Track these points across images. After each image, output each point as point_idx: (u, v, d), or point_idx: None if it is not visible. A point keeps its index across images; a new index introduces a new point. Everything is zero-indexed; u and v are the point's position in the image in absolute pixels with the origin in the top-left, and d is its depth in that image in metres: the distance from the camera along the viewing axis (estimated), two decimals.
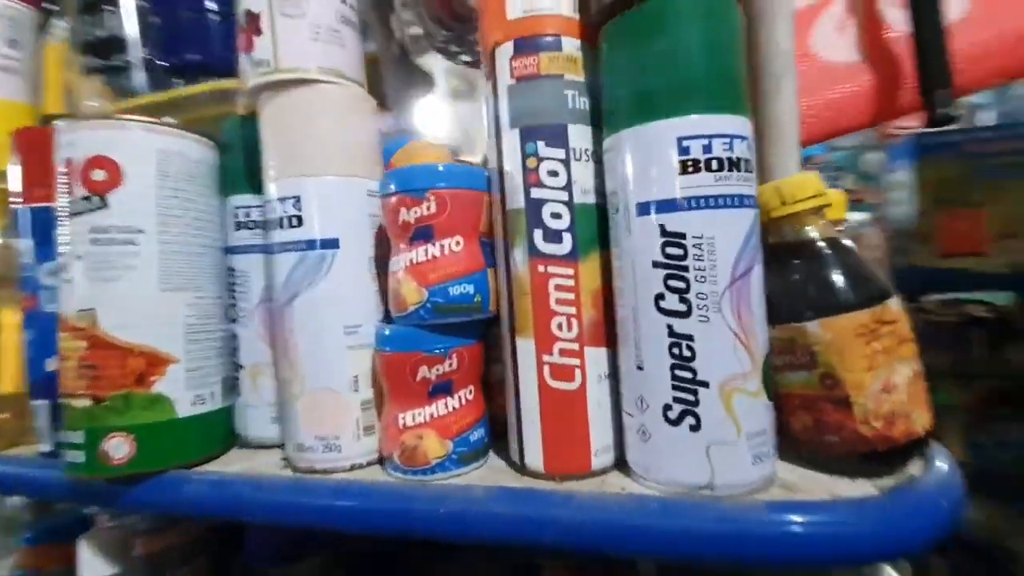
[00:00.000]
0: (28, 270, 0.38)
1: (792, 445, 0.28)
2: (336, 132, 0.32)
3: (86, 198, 0.32)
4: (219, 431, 0.37)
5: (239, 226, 0.38)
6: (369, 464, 0.33)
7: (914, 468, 0.26)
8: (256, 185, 0.37)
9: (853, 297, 0.25)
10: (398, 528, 0.27)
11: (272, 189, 0.33)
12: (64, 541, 0.56)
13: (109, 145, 0.33)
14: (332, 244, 0.32)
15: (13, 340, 0.43)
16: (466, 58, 0.52)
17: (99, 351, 0.32)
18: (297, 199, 0.32)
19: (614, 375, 0.29)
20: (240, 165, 0.38)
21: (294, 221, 0.32)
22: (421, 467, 0.29)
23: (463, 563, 0.55)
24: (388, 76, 0.54)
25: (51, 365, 0.38)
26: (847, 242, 0.27)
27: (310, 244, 0.32)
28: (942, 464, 0.26)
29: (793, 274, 0.27)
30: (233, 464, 0.35)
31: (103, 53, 0.65)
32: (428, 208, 0.29)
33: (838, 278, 0.26)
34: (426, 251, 0.29)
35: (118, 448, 0.32)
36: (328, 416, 0.32)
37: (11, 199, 0.39)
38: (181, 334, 0.34)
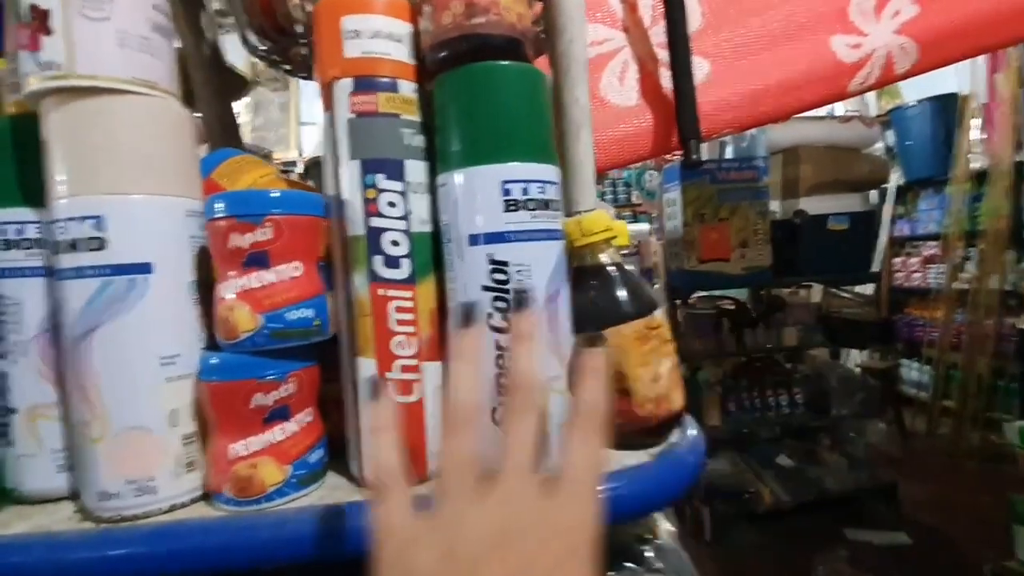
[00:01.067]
0: None
1: None
2: (148, 146, 0.30)
3: None
4: None
5: (7, 245, 0.32)
6: (193, 501, 0.31)
7: (674, 437, 0.34)
8: (32, 197, 0.32)
9: (633, 310, 0.33)
10: (238, 562, 0.27)
11: (63, 206, 0.29)
12: None
13: None
14: (144, 269, 0.29)
15: None
16: (287, 67, 0.51)
17: None
18: (98, 219, 0.28)
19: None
20: (8, 173, 0.32)
21: (94, 244, 0.28)
22: (257, 496, 0.29)
23: None
24: (197, 78, 0.49)
25: None
26: (628, 266, 0.35)
27: (116, 269, 0.29)
28: (691, 431, 0.34)
29: (591, 292, 0.34)
30: (11, 525, 0.29)
31: None
32: (264, 233, 0.29)
33: (624, 296, 0.33)
34: (260, 277, 0.29)
35: None
36: (140, 456, 0.29)
37: None
38: None
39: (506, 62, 0.29)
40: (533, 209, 0.29)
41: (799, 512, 1.78)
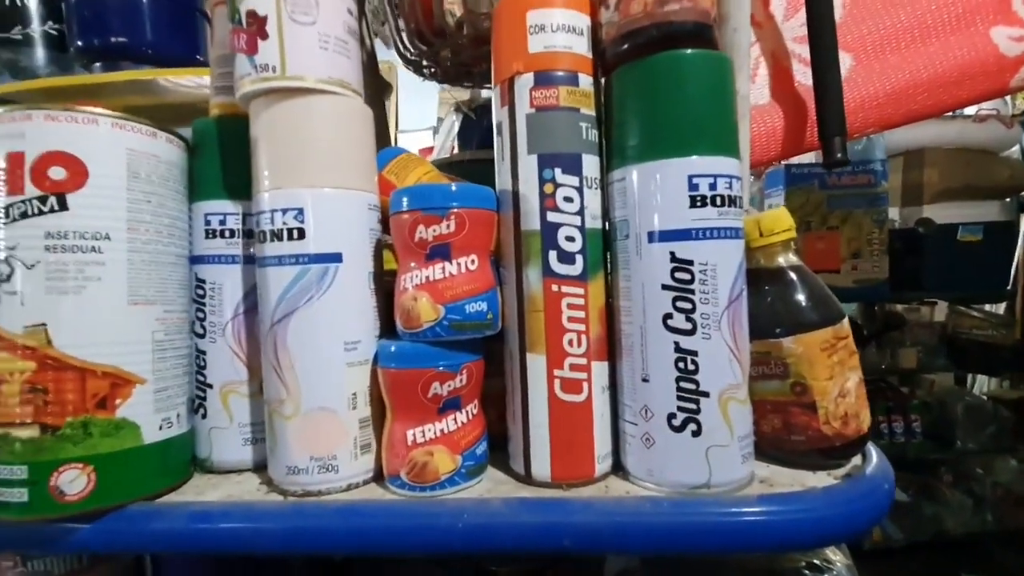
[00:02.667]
0: None
1: (758, 445, 0.32)
2: (342, 144, 0.32)
3: (39, 198, 0.28)
4: (182, 457, 0.34)
5: (211, 234, 0.35)
6: (366, 483, 0.32)
7: (857, 459, 0.31)
8: (232, 191, 0.35)
9: (818, 317, 0.30)
10: (417, 547, 0.27)
11: (267, 199, 0.31)
12: None
13: (71, 141, 0.29)
14: (335, 258, 0.31)
15: None
16: (432, 71, 0.53)
17: (51, 372, 0.28)
18: (300, 210, 0.30)
19: (612, 387, 0.31)
20: (214, 169, 0.35)
21: (295, 233, 0.30)
22: (431, 483, 0.30)
23: (413, 574, 0.54)
24: None
25: None
26: (808, 269, 0.32)
27: (312, 258, 0.30)
28: (876, 454, 0.31)
29: (767, 296, 0.31)
30: (206, 493, 0.32)
31: (2, 24, 0.56)
32: (447, 227, 0.29)
33: (806, 301, 0.31)
34: (443, 268, 0.30)
35: (73, 482, 0.28)
36: (325, 436, 0.31)
37: None
38: (149, 352, 0.31)
39: (698, 50, 0.28)
40: (720, 205, 0.28)
41: (912, 552, 1.61)
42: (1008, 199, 1.97)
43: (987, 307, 2.05)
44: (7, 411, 0.28)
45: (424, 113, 2.32)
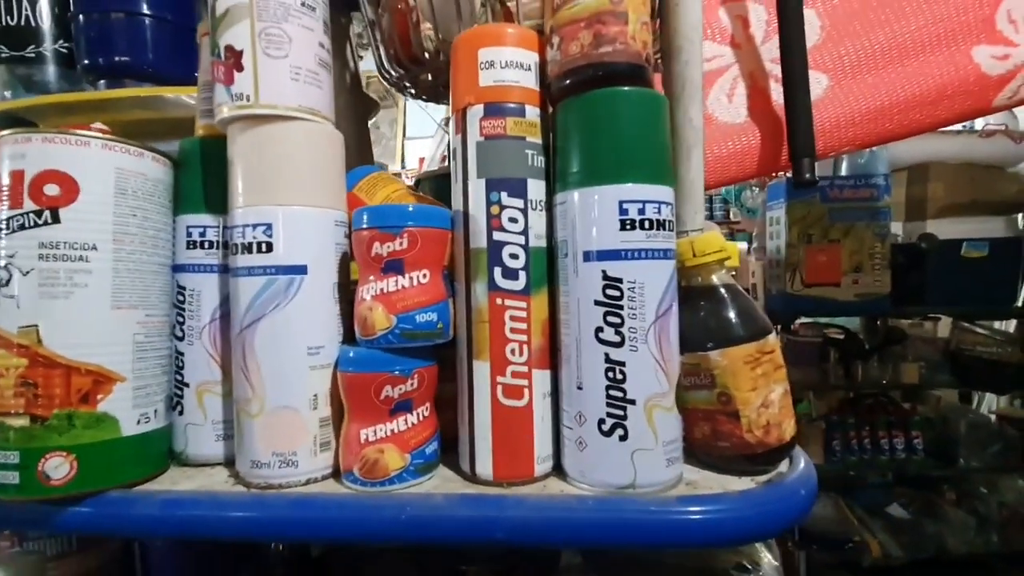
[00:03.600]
0: None
1: (692, 450, 0.34)
2: (310, 165, 0.35)
3: (36, 212, 0.32)
4: (159, 450, 0.37)
5: (191, 245, 0.38)
6: (324, 478, 0.35)
7: (783, 466, 0.33)
8: (212, 206, 0.38)
9: (744, 332, 0.32)
10: (363, 536, 0.30)
11: (240, 214, 0.34)
12: None
13: (65, 160, 0.32)
14: (300, 270, 0.34)
15: None
16: (413, 91, 0.56)
17: (41, 369, 0.31)
18: (268, 226, 0.33)
19: (554, 393, 0.34)
20: (197, 185, 0.38)
21: (263, 247, 0.33)
22: (381, 479, 0.32)
23: (385, 571, 0.56)
24: (340, 102, 0.55)
25: None
26: (740, 288, 0.34)
27: (279, 269, 0.33)
28: (802, 462, 0.33)
29: (700, 312, 0.34)
30: (179, 483, 0.35)
31: (14, 42, 0.61)
32: (400, 243, 0.32)
33: (734, 317, 0.33)
34: (396, 282, 0.32)
35: (57, 468, 0.31)
36: (286, 433, 0.34)
37: None
38: (130, 352, 0.34)
39: (630, 87, 0.31)
40: (648, 229, 0.30)
41: (912, 570, 1.59)
42: (1017, 215, 1.95)
43: (995, 324, 2.03)
44: (3, 402, 0.31)
45: (432, 121, 2.37)
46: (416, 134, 3.11)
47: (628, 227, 0.30)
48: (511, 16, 0.42)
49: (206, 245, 0.38)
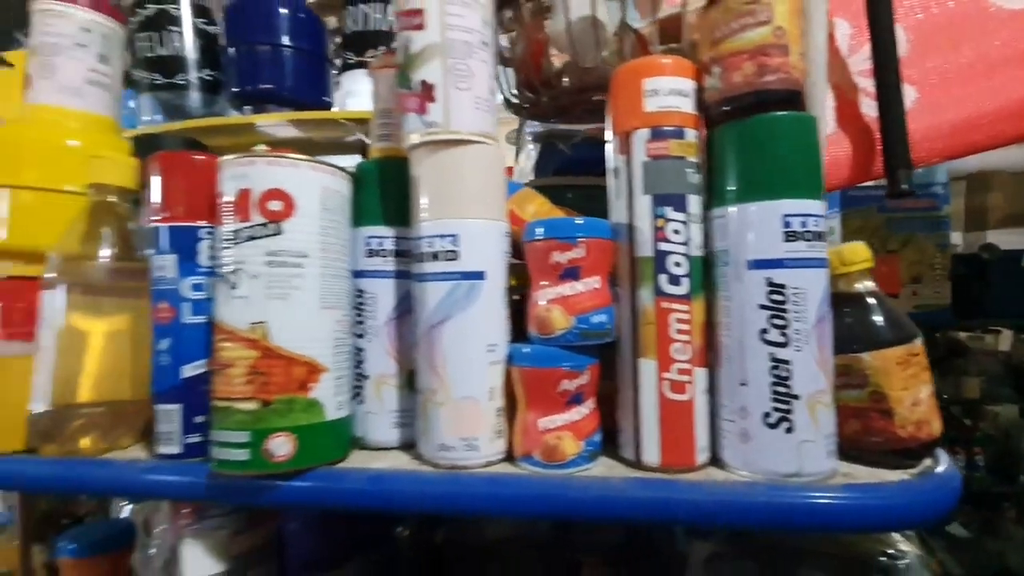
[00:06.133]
0: (166, 283, 0.41)
1: (841, 445, 0.37)
2: (486, 183, 0.39)
3: (263, 224, 0.37)
4: (348, 435, 0.41)
5: (371, 253, 0.43)
6: (499, 461, 0.39)
7: (928, 461, 0.36)
8: (388, 218, 0.43)
9: (894, 336, 0.35)
10: (551, 512, 0.34)
11: (427, 226, 0.39)
12: (110, 552, 0.56)
13: (284, 179, 0.37)
14: (480, 276, 0.38)
15: (100, 348, 0.45)
16: (530, 113, 0.60)
17: (268, 360, 0.36)
18: (454, 237, 0.38)
19: (709, 390, 0.37)
20: (375, 200, 0.43)
21: (450, 255, 0.38)
22: (559, 462, 0.36)
23: (507, 561, 0.60)
24: None
25: (188, 372, 0.41)
26: (883, 294, 0.37)
27: (463, 275, 0.38)
28: (945, 458, 0.36)
29: (846, 318, 0.37)
30: (370, 463, 0.39)
31: (167, 71, 0.68)
32: (578, 252, 0.36)
33: (883, 322, 0.36)
34: (573, 287, 0.36)
35: (281, 446, 0.36)
36: (469, 420, 0.38)
37: (151, 217, 0.42)
38: (331, 347, 0.39)
39: (792, 112, 0.34)
40: (809, 240, 0.34)
41: None
42: None
43: None
44: (234, 388, 0.36)
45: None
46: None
47: (791, 238, 0.33)
48: (644, 43, 0.47)
49: (383, 253, 0.43)
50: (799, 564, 0.39)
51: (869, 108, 0.69)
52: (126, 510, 0.77)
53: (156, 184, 0.42)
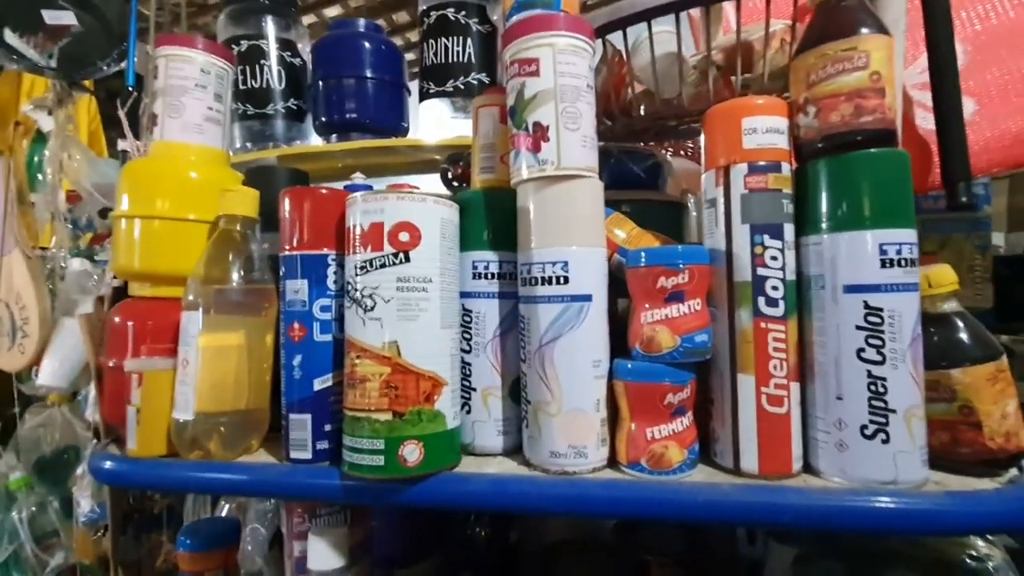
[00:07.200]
0: (298, 306, 0.46)
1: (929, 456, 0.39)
2: (592, 213, 0.43)
3: (394, 254, 0.41)
4: (460, 442, 0.45)
5: (477, 276, 0.47)
6: (604, 467, 0.42)
7: (1015, 471, 0.38)
8: (493, 244, 0.47)
9: (982, 353, 0.38)
10: (662, 514, 0.37)
11: (539, 253, 0.42)
12: (221, 547, 0.61)
13: (412, 214, 0.42)
14: (587, 299, 0.42)
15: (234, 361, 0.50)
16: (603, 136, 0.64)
17: (400, 375, 0.41)
18: (565, 263, 0.41)
19: (802, 403, 0.40)
20: (480, 227, 0.47)
21: (561, 280, 0.42)
22: (665, 469, 0.39)
23: (577, 560, 0.63)
24: None
25: (318, 385, 0.45)
26: (967, 313, 0.40)
27: (573, 298, 0.41)
28: None
29: (935, 336, 0.39)
30: (484, 468, 0.43)
31: (256, 102, 0.73)
32: (683, 278, 0.40)
33: (971, 340, 0.38)
34: (678, 309, 0.40)
35: (412, 453, 0.40)
36: (579, 430, 0.41)
37: (284, 246, 0.47)
38: (449, 362, 0.43)
39: (888, 149, 0.37)
40: (903, 266, 0.37)
41: None
42: None
43: None
44: (371, 401, 0.40)
45: None
46: None
47: (888, 265, 0.36)
48: (729, 81, 0.50)
49: (488, 276, 0.47)
50: (885, 566, 0.42)
51: (923, 120, 0.71)
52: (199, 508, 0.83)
53: (289, 216, 0.47)
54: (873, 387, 0.36)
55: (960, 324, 0.39)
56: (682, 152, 0.80)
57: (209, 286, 0.48)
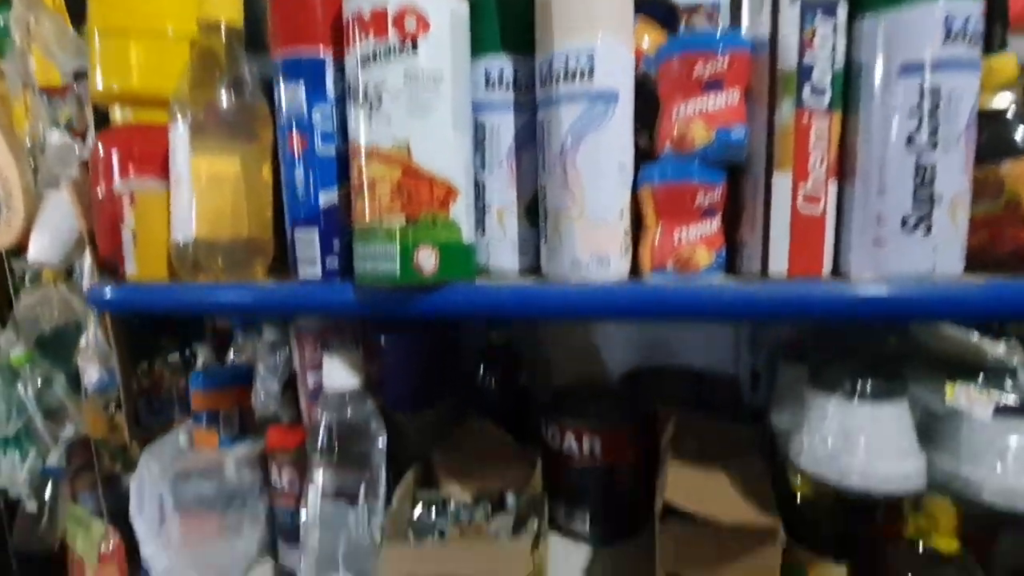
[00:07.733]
0: (294, 113, 0.42)
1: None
2: (619, 1, 0.38)
3: (401, 42, 0.37)
4: (475, 259, 0.43)
5: (490, 85, 0.43)
6: (626, 280, 0.41)
7: None
8: (508, 45, 0.43)
9: None
10: (691, 311, 0.36)
11: (560, 44, 0.38)
12: (233, 386, 0.61)
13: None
14: (614, 97, 0.38)
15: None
16: None
17: (411, 179, 0.38)
18: (591, 55, 0.37)
19: (838, 202, 0.38)
20: (493, 28, 0.42)
21: (586, 73, 0.38)
22: (692, 271, 0.38)
23: (586, 406, 0.64)
24: None
25: (323, 199, 0.43)
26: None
27: (599, 93, 0.38)
28: None
29: (985, 131, 0.37)
30: (500, 283, 0.42)
31: None
32: (722, 64, 0.36)
33: (1020, 133, 0.36)
34: (715, 101, 0.37)
35: (427, 259, 0.38)
36: (602, 238, 0.39)
37: (274, 50, 0.42)
38: (463, 170, 0.40)
39: None
40: (967, 42, 0.33)
41: None
42: None
43: None
44: (383, 204, 0.38)
45: None
46: None
47: (950, 38, 0.33)
48: None
49: (504, 85, 0.43)
50: (910, 364, 0.42)
51: None
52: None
53: (276, 15, 0.42)
54: (921, 176, 0.34)
55: (1012, 119, 0.36)
56: None
57: (191, 105, 0.44)
